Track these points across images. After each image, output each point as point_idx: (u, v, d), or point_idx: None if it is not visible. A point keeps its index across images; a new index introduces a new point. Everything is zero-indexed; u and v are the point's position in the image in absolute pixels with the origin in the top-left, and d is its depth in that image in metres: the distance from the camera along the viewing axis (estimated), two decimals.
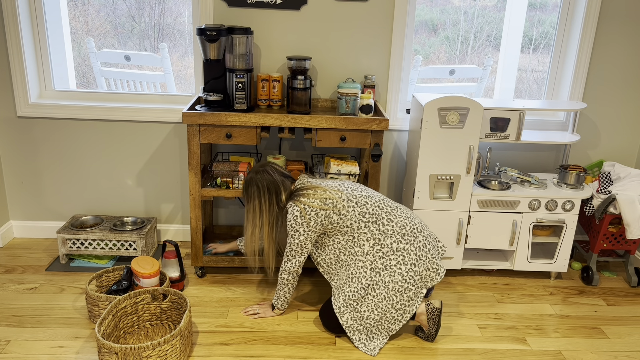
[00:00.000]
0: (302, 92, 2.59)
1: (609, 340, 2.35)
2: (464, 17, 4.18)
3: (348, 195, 2.21)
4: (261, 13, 2.74)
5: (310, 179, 2.31)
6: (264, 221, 2.27)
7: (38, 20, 2.77)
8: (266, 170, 2.27)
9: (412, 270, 2.17)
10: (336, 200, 2.18)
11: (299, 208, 2.18)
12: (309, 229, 2.19)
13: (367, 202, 2.21)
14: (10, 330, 2.24)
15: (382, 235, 2.19)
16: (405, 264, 2.17)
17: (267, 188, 2.25)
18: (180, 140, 2.94)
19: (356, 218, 2.19)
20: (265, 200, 2.25)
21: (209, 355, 2.14)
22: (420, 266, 2.19)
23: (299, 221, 2.18)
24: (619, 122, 3.02)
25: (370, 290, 2.18)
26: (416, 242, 2.21)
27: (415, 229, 2.23)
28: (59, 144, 2.93)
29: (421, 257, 2.20)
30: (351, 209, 2.19)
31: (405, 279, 2.16)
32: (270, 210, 2.26)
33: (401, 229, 2.20)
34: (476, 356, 2.21)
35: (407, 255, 2.18)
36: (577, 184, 2.71)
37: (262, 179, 2.26)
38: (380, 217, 2.20)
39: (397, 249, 2.18)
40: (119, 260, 2.86)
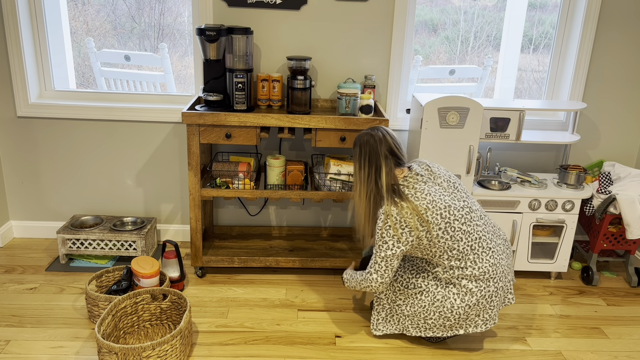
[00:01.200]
0: (302, 92, 2.59)
1: (609, 340, 2.35)
2: (464, 17, 4.18)
3: (447, 225, 2.01)
4: (261, 13, 2.74)
5: (421, 181, 2.05)
6: (362, 190, 2.08)
7: (38, 20, 2.77)
8: (374, 136, 2.06)
9: (462, 309, 2.06)
10: (433, 226, 1.99)
11: (395, 218, 1.99)
12: (399, 244, 2.01)
13: (462, 239, 2.03)
14: (10, 330, 2.24)
15: (458, 271, 2.06)
16: (462, 300, 2.05)
17: (368, 155, 2.04)
18: (180, 140, 2.94)
19: (443, 250, 2.03)
20: (364, 168, 2.06)
21: (209, 355, 2.14)
22: (473, 310, 2.07)
23: (390, 232, 2.00)
24: (619, 122, 3.02)
25: (419, 293, 2.12)
26: (485, 289, 2.06)
27: (491, 279, 2.07)
28: (59, 144, 2.93)
29: (480, 304, 2.07)
30: (444, 240, 2.02)
31: (452, 312, 2.07)
32: (368, 181, 2.06)
33: (480, 274, 2.05)
34: (476, 356, 2.21)
35: (469, 295, 2.06)
36: (577, 184, 2.71)
37: (366, 142, 2.06)
38: (467, 257, 2.04)
39: (464, 286, 2.06)
40: (119, 260, 2.86)
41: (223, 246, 2.85)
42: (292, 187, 2.62)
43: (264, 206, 3.08)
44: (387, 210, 2.01)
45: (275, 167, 2.59)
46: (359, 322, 2.40)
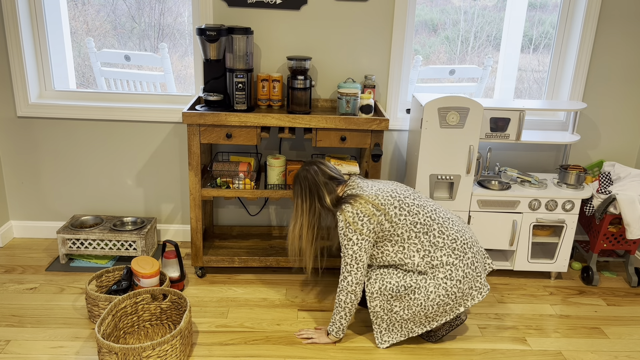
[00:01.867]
0: (302, 92, 2.59)
1: (609, 340, 2.35)
2: (464, 17, 4.18)
3: (400, 202, 2.12)
4: (261, 13, 2.74)
5: (361, 182, 2.21)
6: (304, 221, 2.22)
7: (38, 20, 2.77)
8: (310, 170, 2.22)
9: (456, 287, 2.10)
10: (388, 207, 2.10)
11: (351, 214, 2.09)
12: (362, 237, 2.09)
13: (419, 212, 2.13)
14: (10, 330, 2.24)
15: (433, 247, 2.11)
16: (451, 279, 2.10)
17: (309, 189, 2.19)
18: (180, 140, 2.94)
19: (407, 227, 2.11)
20: (306, 200, 2.20)
21: (209, 355, 2.14)
22: (465, 284, 2.11)
23: (350, 229, 2.09)
24: (619, 122, 3.02)
25: (410, 292, 2.12)
26: (465, 259, 2.13)
27: (465, 244, 2.15)
28: (59, 144, 2.93)
29: (468, 275, 2.12)
30: (403, 217, 2.11)
31: (448, 294, 2.10)
32: (311, 211, 2.20)
33: (452, 242, 2.13)
34: (476, 356, 2.21)
35: (454, 270, 2.10)
36: (577, 184, 2.71)
37: (305, 178, 2.21)
38: (431, 228, 2.12)
39: (447, 263, 2.11)
40: (119, 260, 2.86)
41: (223, 246, 2.85)
42: None
43: (264, 206, 3.08)
44: (342, 210, 2.12)
45: (276, 167, 2.59)
46: (359, 322, 2.40)
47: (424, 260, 2.11)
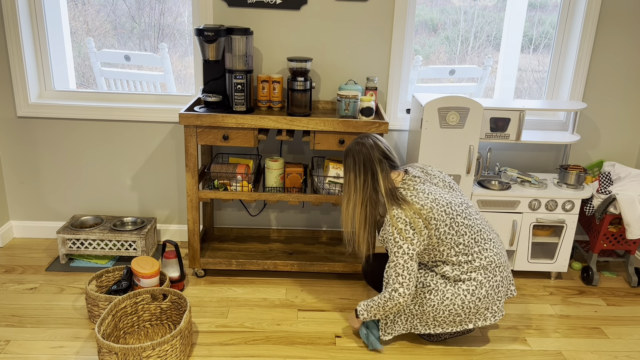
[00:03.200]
0: (301, 94, 2.58)
1: (609, 340, 2.35)
2: (464, 17, 4.18)
3: (452, 221, 2.04)
4: (261, 13, 2.74)
5: (419, 185, 2.07)
6: (357, 198, 2.08)
7: (38, 20, 2.77)
8: (365, 144, 2.07)
9: (473, 303, 2.07)
10: (439, 224, 2.02)
11: (403, 222, 1.99)
12: (413, 246, 2.00)
13: (466, 233, 2.07)
14: (10, 330, 2.24)
15: (467, 265, 2.08)
16: (472, 294, 2.07)
17: (363, 163, 2.05)
18: (179, 140, 2.94)
19: (450, 246, 2.06)
20: (360, 175, 2.06)
21: (209, 355, 2.14)
22: (483, 303, 2.08)
23: (402, 235, 1.99)
24: (619, 122, 3.02)
25: (427, 292, 2.10)
26: (493, 281, 2.09)
27: (497, 267, 2.11)
28: (59, 144, 2.93)
29: (489, 296, 2.09)
30: (450, 236, 2.04)
31: (463, 307, 2.07)
32: (365, 188, 2.06)
33: (487, 264, 2.09)
34: (476, 356, 2.21)
35: (479, 288, 2.07)
36: (577, 184, 2.71)
37: (359, 152, 2.07)
38: (472, 250, 2.08)
39: (474, 279, 2.07)
40: (119, 260, 2.86)
41: (222, 248, 2.85)
42: (291, 190, 2.61)
43: (262, 209, 3.08)
44: (394, 214, 2.01)
45: (274, 170, 2.59)
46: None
47: (453, 273, 2.09)
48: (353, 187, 2.09)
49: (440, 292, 2.09)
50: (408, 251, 2.00)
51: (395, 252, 2.01)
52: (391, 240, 2.01)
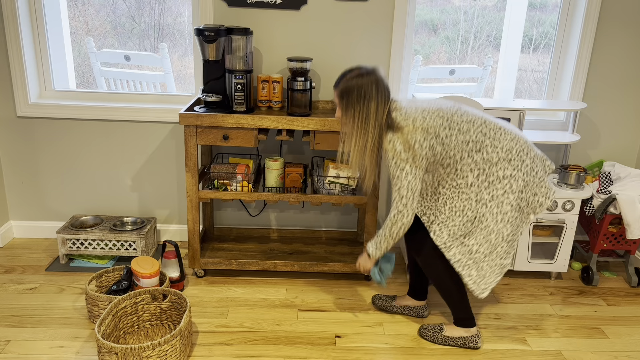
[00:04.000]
0: (301, 94, 2.58)
1: (609, 341, 2.35)
2: (464, 17, 4.18)
3: (449, 122, 1.98)
4: (261, 13, 2.74)
5: (404, 105, 2.04)
6: (365, 136, 2.02)
7: (38, 20, 2.77)
8: (370, 77, 2.00)
9: (519, 198, 2.02)
10: (438, 129, 1.97)
11: (401, 142, 1.97)
12: (415, 164, 1.98)
13: (470, 129, 1.99)
14: (10, 330, 2.24)
15: (487, 164, 2.00)
16: (512, 192, 2.01)
17: (367, 96, 1.99)
18: (179, 140, 2.94)
19: (459, 147, 1.99)
20: (366, 106, 1.99)
21: (209, 356, 2.14)
22: (527, 192, 2.04)
23: (403, 156, 1.97)
24: (619, 122, 3.02)
25: (478, 223, 2.05)
26: (523, 167, 2.02)
27: (521, 152, 2.03)
28: (59, 144, 2.93)
29: (529, 183, 2.03)
30: (454, 137, 1.98)
31: (514, 207, 2.02)
32: (373, 122, 1.99)
33: (507, 154, 2.01)
34: (476, 356, 2.21)
35: (514, 182, 2.01)
36: (577, 184, 2.71)
37: (361, 85, 1.99)
38: (484, 144, 2.00)
39: (504, 177, 2.01)
40: (118, 260, 2.86)
41: (222, 248, 2.85)
42: (291, 190, 2.61)
43: (262, 209, 3.08)
44: (389, 139, 2.00)
45: (274, 170, 2.59)
46: (359, 322, 2.40)
47: (479, 179, 2.02)
48: (360, 121, 2.01)
49: (488, 214, 2.04)
50: (411, 171, 1.98)
51: (398, 176, 1.99)
52: (392, 165, 1.99)
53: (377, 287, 2.69)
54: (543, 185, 2.08)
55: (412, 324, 2.41)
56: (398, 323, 2.41)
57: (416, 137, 1.96)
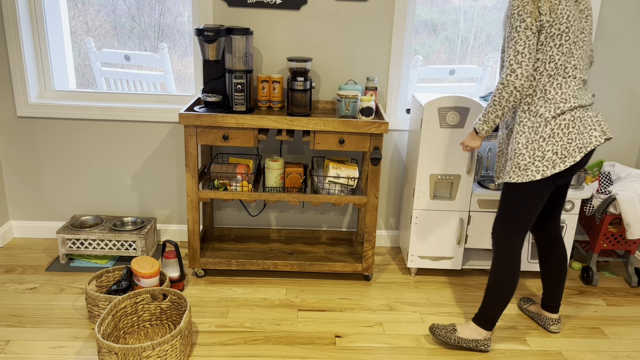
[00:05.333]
0: (301, 94, 2.58)
1: (609, 340, 2.35)
2: (464, 17, 4.18)
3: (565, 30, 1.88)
4: (261, 13, 2.74)
5: None
6: None
7: (38, 20, 2.77)
8: None
9: (537, 143, 1.94)
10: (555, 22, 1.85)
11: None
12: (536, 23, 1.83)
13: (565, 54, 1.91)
14: (10, 330, 2.24)
15: (542, 93, 1.92)
16: (536, 133, 1.93)
17: None
18: (179, 140, 2.94)
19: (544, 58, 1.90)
20: None
21: (209, 355, 2.14)
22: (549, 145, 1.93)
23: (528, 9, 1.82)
24: (619, 122, 3.02)
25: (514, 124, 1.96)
26: (560, 119, 1.93)
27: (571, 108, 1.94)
28: (59, 144, 2.93)
29: (554, 136, 1.93)
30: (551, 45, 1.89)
31: (527, 146, 1.94)
32: None
33: (561, 101, 1.93)
34: (476, 356, 2.21)
35: (543, 126, 1.92)
36: (577, 184, 2.71)
37: None
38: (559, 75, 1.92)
39: (540, 115, 1.92)
40: (119, 260, 2.86)
41: (222, 248, 2.85)
42: (291, 190, 2.61)
43: (262, 209, 3.08)
44: None
45: (274, 170, 2.59)
46: (359, 322, 2.40)
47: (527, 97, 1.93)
48: None
49: (518, 126, 1.96)
50: (531, 26, 1.83)
51: (517, 27, 1.84)
52: (515, 16, 1.84)
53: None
54: (567, 149, 1.94)
55: (412, 324, 2.41)
56: (398, 323, 2.41)
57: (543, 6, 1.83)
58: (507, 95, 1.88)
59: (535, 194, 2.01)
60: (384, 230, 3.15)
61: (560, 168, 1.94)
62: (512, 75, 1.86)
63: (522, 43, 1.84)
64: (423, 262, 2.77)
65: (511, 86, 1.86)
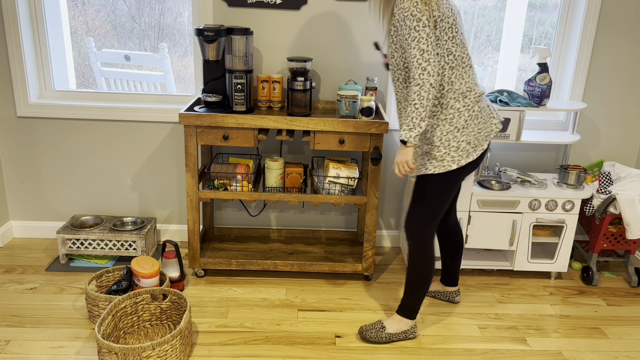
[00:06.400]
0: (301, 94, 2.58)
1: (609, 341, 2.35)
2: (464, 17, 4.18)
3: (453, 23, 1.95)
4: (261, 13, 2.74)
5: None
6: None
7: (38, 20, 2.77)
8: None
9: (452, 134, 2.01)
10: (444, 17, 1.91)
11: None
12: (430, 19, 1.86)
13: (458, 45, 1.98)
14: (10, 330, 2.24)
15: (449, 85, 1.99)
16: (450, 124, 2.01)
17: None
18: (179, 140, 2.94)
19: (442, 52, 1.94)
20: None
21: (209, 356, 2.14)
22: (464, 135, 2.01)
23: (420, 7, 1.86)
24: (619, 122, 3.02)
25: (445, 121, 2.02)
26: (472, 110, 2.03)
27: (477, 97, 2.04)
28: (59, 144, 2.93)
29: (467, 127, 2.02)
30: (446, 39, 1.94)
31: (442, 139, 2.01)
32: None
33: (467, 90, 2.01)
34: (476, 356, 2.21)
35: (457, 117, 2.00)
36: (577, 184, 2.71)
37: None
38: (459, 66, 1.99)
39: (452, 107, 2.00)
40: (119, 260, 2.86)
41: (222, 248, 2.85)
42: (291, 190, 2.61)
43: (262, 209, 3.08)
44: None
45: (274, 170, 2.59)
46: (359, 322, 2.40)
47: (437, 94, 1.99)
48: None
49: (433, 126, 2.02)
50: (428, 23, 1.86)
51: (415, 27, 1.86)
52: (408, 16, 1.87)
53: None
54: (480, 139, 2.05)
55: None
56: None
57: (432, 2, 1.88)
58: (426, 94, 1.90)
59: (451, 183, 2.11)
60: (384, 230, 3.15)
61: (473, 157, 2.04)
62: (424, 74, 1.88)
63: (425, 41, 1.87)
64: None
65: (427, 84, 1.89)
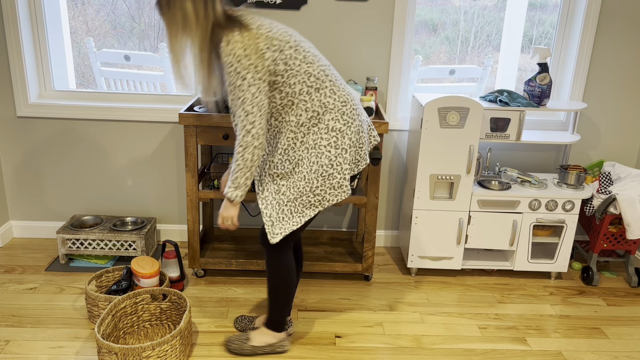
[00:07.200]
0: None
1: (609, 341, 2.35)
2: (464, 17, 4.18)
3: (296, 44, 1.81)
4: (261, 13, 2.73)
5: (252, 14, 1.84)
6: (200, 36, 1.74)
7: (38, 20, 2.77)
8: None
9: (341, 156, 1.88)
10: (284, 45, 1.77)
11: (242, 44, 1.71)
12: (258, 75, 1.74)
13: (314, 62, 1.84)
14: (10, 330, 2.24)
15: (322, 108, 1.86)
16: (336, 147, 1.87)
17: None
18: (179, 140, 2.94)
19: (301, 77, 1.81)
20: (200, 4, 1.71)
21: (209, 356, 2.14)
22: (350, 154, 1.89)
23: (243, 63, 1.72)
24: (619, 122, 3.02)
25: (294, 166, 1.90)
26: (353, 126, 1.89)
27: (354, 110, 1.90)
28: (59, 144, 2.93)
29: (353, 145, 1.90)
30: (298, 62, 1.80)
31: (332, 164, 1.87)
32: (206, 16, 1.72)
33: (342, 105, 1.88)
34: (476, 356, 2.21)
35: (340, 138, 1.87)
36: (577, 184, 2.71)
37: None
38: (324, 84, 1.85)
39: (333, 129, 1.86)
40: (118, 260, 2.86)
41: (221, 248, 2.85)
42: None
43: None
44: (230, 39, 1.72)
45: None
46: (359, 322, 2.40)
47: (310, 121, 1.86)
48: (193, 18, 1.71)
49: (305, 160, 1.88)
50: (253, 81, 1.74)
51: (240, 86, 1.74)
52: (232, 73, 1.73)
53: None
54: (363, 152, 1.95)
55: (412, 324, 2.41)
56: (398, 323, 2.41)
57: (260, 44, 1.74)
58: (251, 156, 1.81)
59: None
60: (383, 230, 3.15)
61: (354, 172, 1.96)
62: (248, 136, 1.78)
63: (250, 102, 1.76)
64: (423, 262, 2.77)
65: (251, 147, 1.79)
